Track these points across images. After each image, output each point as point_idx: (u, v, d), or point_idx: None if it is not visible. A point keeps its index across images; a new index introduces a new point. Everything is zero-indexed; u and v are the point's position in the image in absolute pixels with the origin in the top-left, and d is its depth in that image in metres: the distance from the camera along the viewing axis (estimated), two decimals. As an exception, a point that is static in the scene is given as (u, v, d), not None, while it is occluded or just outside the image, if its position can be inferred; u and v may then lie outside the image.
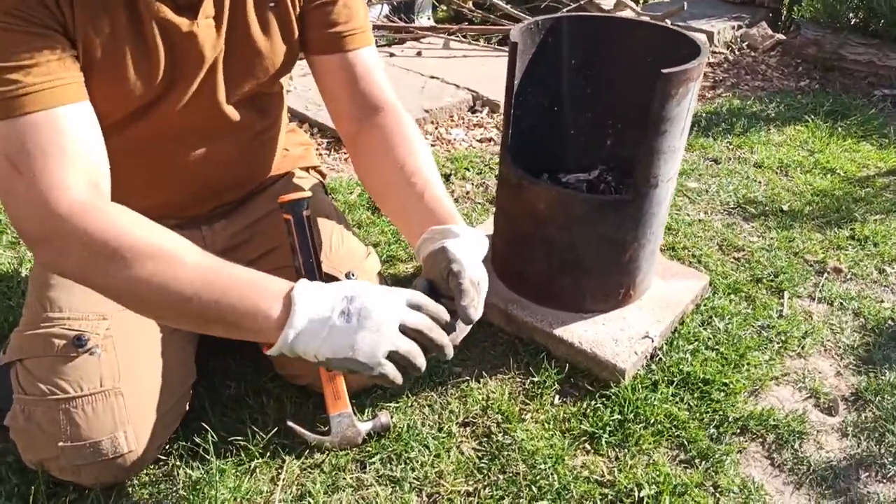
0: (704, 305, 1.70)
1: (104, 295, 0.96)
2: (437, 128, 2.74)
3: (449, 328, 0.95)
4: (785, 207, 2.20)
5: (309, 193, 1.28)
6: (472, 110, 2.91)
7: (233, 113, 1.21)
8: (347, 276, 1.36)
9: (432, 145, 2.60)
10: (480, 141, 2.67)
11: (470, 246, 1.03)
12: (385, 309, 0.90)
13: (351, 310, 0.90)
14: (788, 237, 2.03)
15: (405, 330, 0.91)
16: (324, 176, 1.59)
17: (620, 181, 1.76)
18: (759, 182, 2.36)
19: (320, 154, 2.46)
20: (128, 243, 0.91)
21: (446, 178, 2.27)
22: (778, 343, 1.61)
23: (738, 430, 1.38)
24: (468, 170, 2.32)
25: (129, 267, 0.91)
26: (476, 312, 0.96)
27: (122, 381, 1.14)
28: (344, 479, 1.24)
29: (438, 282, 1.01)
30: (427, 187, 1.12)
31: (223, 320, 0.94)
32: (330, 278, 1.35)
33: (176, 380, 1.24)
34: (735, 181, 2.36)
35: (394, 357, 0.90)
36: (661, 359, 1.52)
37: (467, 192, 2.20)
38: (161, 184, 1.24)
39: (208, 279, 0.93)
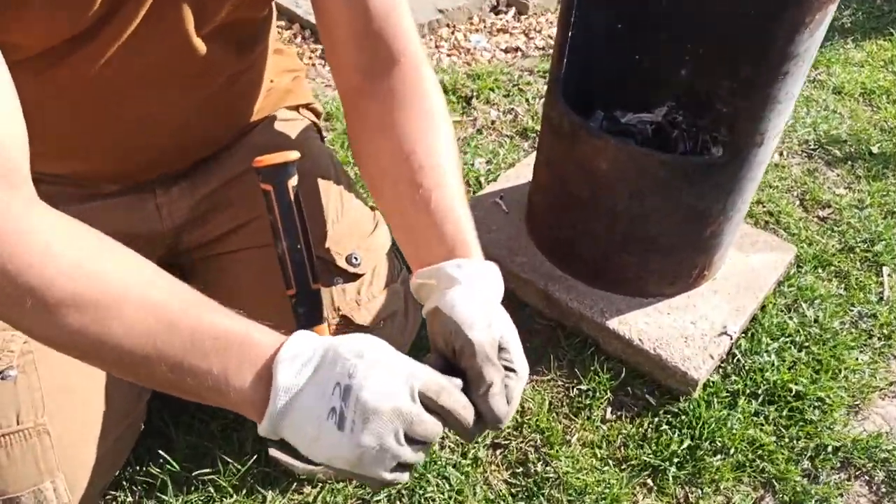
0: (789, 283, 1.37)
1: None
2: (453, 33, 2.30)
3: (470, 429, 0.64)
4: (874, 149, 1.83)
5: (296, 155, 0.92)
6: (496, 11, 2.46)
7: (201, 47, 0.83)
8: (349, 260, 1.03)
9: (448, 55, 2.18)
10: (505, 51, 2.24)
11: (480, 301, 0.69)
12: (389, 412, 0.59)
13: (345, 412, 0.59)
14: (882, 190, 1.68)
15: (413, 434, 0.61)
16: (318, 115, 1.21)
17: (693, 123, 1.38)
18: (841, 114, 1.97)
19: (313, 64, 2.05)
20: (47, 282, 0.59)
21: (467, 101, 1.88)
22: (880, 339, 1.30)
23: (839, 464, 1.10)
24: (493, 90, 1.93)
25: (51, 314, 0.60)
26: (506, 408, 0.64)
27: (47, 415, 0.85)
28: (341, 525, 0.97)
29: (449, 355, 0.69)
30: (437, 192, 0.77)
31: (183, 387, 0.63)
32: (326, 265, 1.02)
33: (123, 400, 0.94)
34: (813, 112, 1.96)
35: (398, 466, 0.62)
36: (738, 359, 1.22)
37: (492, 122, 1.82)
38: (102, 143, 0.89)
39: (162, 332, 0.62)
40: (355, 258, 1.03)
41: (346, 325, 1.02)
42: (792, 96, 1.05)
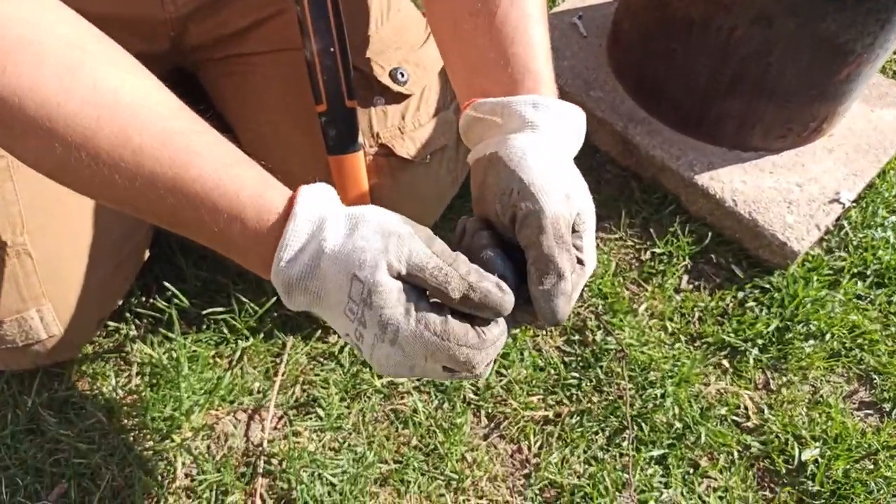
0: (916, 149, 1.14)
1: None
2: None
3: (512, 318, 0.48)
4: None
5: (330, -81, 0.71)
6: None
7: None
8: (393, 75, 0.84)
9: None
10: None
11: (560, 159, 0.50)
12: (410, 320, 0.44)
13: (364, 312, 0.45)
14: None
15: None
16: None
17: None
18: None
19: None
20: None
21: None
22: None
23: (954, 363, 0.94)
24: None
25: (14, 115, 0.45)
26: (568, 310, 0.46)
27: (27, 233, 0.72)
28: (370, 377, 0.86)
29: (499, 223, 0.50)
30: (505, 2, 0.56)
31: (178, 218, 0.48)
32: (365, 79, 0.83)
33: (121, 221, 0.80)
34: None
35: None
36: (846, 232, 1.03)
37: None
38: None
39: (155, 148, 0.46)
40: (402, 74, 0.84)
41: (386, 156, 0.84)
42: None
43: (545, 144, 0.51)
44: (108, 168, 0.47)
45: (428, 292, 0.45)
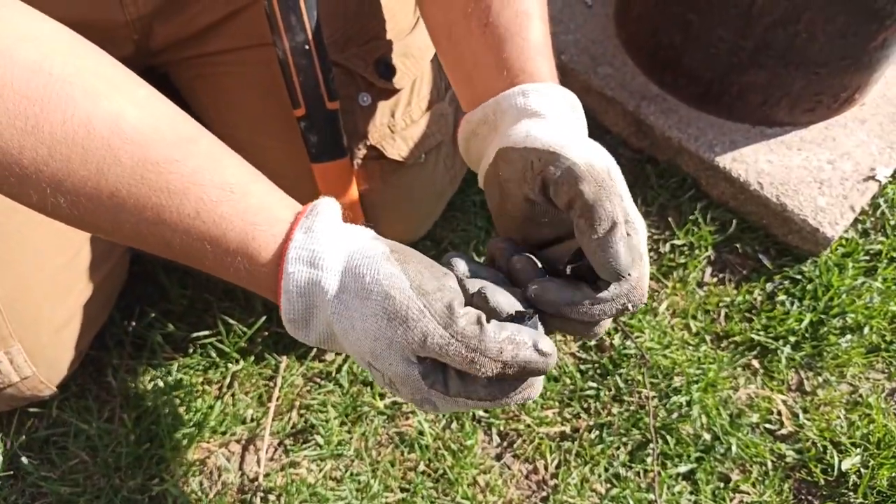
0: (956, 113, 1.04)
1: None
2: None
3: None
4: None
5: None
6: None
7: None
8: (379, 68, 0.75)
9: None
10: None
11: (562, 127, 0.45)
12: (443, 397, 0.39)
13: (392, 388, 0.41)
14: None
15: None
16: None
17: None
18: None
19: None
20: None
21: None
22: None
23: None
24: None
25: None
26: (627, 254, 0.39)
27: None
28: (371, 398, 0.80)
29: (536, 217, 0.45)
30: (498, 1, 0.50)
31: (170, 244, 0.41)
32: (347, 75, 0.75)
33: (95, 245, 0.74)
34: None
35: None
36: (883, 212, 0.94)
37: None
38: None
39: (133, 186, 0.40)
40: (388, 66, 0.76)
41: (376, 159, 0.77)
42: None
43: (549, 122, 0.45)
44: (90, 213, 0.41)
45: None
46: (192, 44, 0.76)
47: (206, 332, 0.81)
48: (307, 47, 0.67)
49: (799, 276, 0.89)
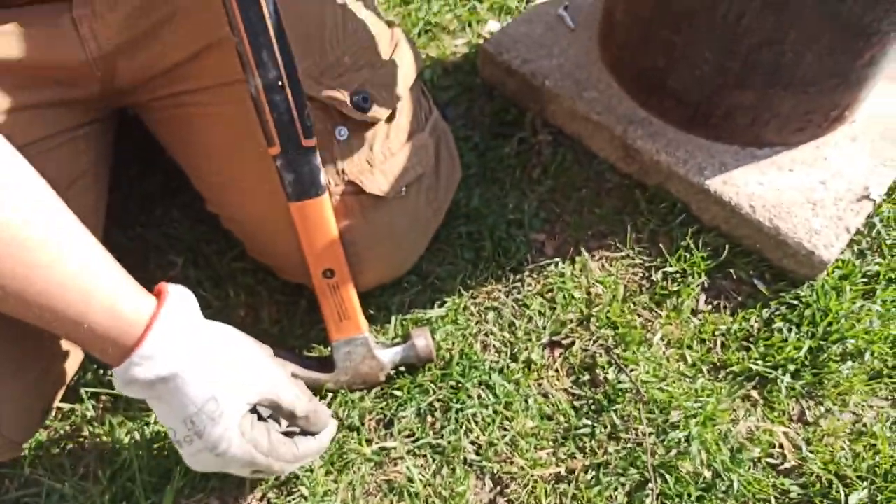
0: (947, 127, 1.03)
1: None
2: None
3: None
4: None
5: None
6: None
7: None
8: (356, 100, 0.73)
9: None
10: None
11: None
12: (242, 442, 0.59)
13: (196, 439, 0.58)
14: None
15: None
16: None
17: None
18: None
19: None
20: None
21: None
22: None
23: None
24: None
25: None
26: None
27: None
28: (357, 444, 0.76)
29: None
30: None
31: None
32: (323, 109, 0.72)
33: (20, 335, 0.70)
34: None
35: None
36: (879, 231, 0.92)
37: None
38: None
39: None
40: (365, 98, 0.73)
41: (355, 194, 0.74)
42: None
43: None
44: None
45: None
46: (161, 83, 0.73)
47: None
48: (280, 84, 0.65)
49: (796, 302, 0.86)
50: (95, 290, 0.53)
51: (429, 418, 0.79)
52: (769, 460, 0.77)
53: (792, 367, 0.82)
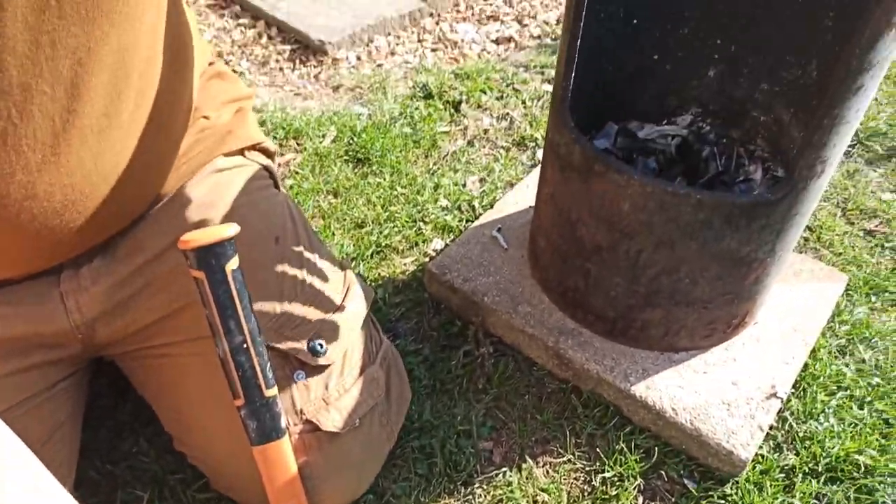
0: (840, 319, 1.17)
1: None
2: (438, 23, 2.07)
3: None
4: (918, 141, 1.61)
5: (233, 230, 0.71)
6: (484, -6, 2.22)
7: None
8: (311, 348, 0.82)
9: (433, 50, 1.94)
10: (496, 41, 2.01)
11: None
12: None
13: None
14: (933, 192, 1.46)
15: None
16: (271, 155, 0.99)
17: (722, 135, 1.17)
18: (879, 101, 1.75)
19: (280, 69, 1.82)
20: None
21: (455, 106, 1.65)
22: (954, 385, 1.10)
23: (924, 560, 0.91)
24: (485, 93, 1.70)
25: None
26: None
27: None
28: None
29: None
30: None
31: None
32: (283, 359, 0.82)
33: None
34: (844, 99, 1.74)
35: None
36: (791, 425, 1.02)
37: (485, 131, 1.59)
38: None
39: None
40: (320, 344, 0.83)
41: (312, 432, 0.82)
42: (859, 115, 0.83)
43: None
44: None
45: None
46: (135, 339, 0.83)
47: None
48: (245, 346, 0.74)
49: (723, 501, 0.93)
50: None
51: None
52: None
53: (726, 567, 0.87)
